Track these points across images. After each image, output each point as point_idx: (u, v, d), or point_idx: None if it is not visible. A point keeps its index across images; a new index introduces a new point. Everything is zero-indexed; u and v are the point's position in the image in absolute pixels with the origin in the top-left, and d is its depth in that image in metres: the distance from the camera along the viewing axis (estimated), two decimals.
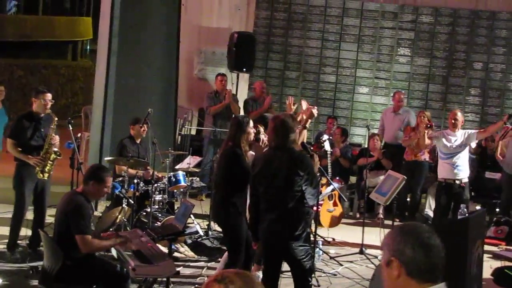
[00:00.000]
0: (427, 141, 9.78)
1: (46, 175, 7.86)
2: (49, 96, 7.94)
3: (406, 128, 11.74)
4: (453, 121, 9.73)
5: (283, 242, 5.84)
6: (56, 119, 7.93)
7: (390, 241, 2.75)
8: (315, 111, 7.42)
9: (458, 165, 9.62)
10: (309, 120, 7.38)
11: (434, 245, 2.70)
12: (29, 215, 8.19)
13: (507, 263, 8.51)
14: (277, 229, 5.83)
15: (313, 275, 7.61)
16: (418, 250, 2.68)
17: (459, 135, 9.67)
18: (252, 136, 6.70)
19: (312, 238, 8.33)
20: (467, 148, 9.77)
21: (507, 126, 9.98)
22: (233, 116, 7.02)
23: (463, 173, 9.69)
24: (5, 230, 8.65)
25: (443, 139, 9.67)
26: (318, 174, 6.37)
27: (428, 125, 9.72)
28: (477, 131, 9.98)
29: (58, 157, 7.91)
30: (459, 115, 9.83)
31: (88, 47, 25.87)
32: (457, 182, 9.64)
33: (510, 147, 10.50)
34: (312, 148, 6.90)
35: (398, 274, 2.69)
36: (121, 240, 6.21)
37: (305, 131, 6.93)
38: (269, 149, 6.08)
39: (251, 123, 6.70)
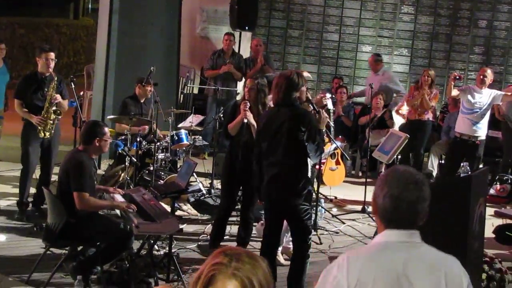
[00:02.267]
0: (454, 92, 9.55)
1: (47, 134, 7.86)
2: (52, 55, 7.91)
3: (410, 88, 11.71)
4: (481, 77, 9.45)
5: (284, 198, 5.86)
6: (56, 78, 7.90)
7: (377, 181, 2.87)
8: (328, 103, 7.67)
9: (478, 122, 9.41)
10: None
11: (404, 199, 2.74)
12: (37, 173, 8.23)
13: (509, 221, 8.55)
14: (278, 185, 5.84)
15: (315, 233, 7.68)
16: (387, 201, 2.77)
17: (485, 93, 9.42)
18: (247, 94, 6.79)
19: (314, 196, 8.39)
20: (489, 107, 9.61)
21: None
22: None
23: (481, 131, 9.49)
24: (9, 188, 8.71)
25: (468, 95, 9.43)
26: (324, 130, 6.37)
27: (457, 77, 9.49)
28: (503, 93, 9.74)
29: (58, 116, 7.91)
30: (489, 72, 9.53)
31: (90, 6, 25.68)
32: (472, 139, 9.46)
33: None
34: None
35: (374, 212, 2.86)
36: (119, 203, 6.24)
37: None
38: (273, 106, 6.08)
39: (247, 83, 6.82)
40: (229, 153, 6.97)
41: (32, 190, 8.17)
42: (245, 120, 6.59)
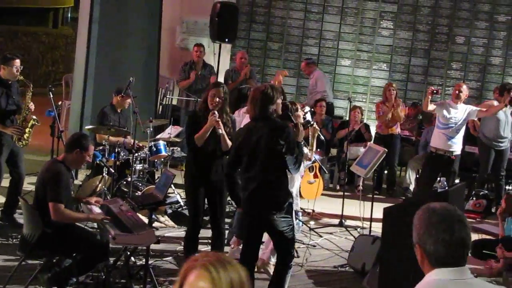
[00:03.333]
0: (431, 107, 9.61)
1: (25, 142, 7.80)
2: (19, 62, 7.81)
3: (377, 104, 11.80)
4: (457, 92, 9.50)
5: (265, 213, 5.85)
6: (32, 85, 7.84)
7: (417, 225, 2.81)
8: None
9: (453, 137, 9.47)
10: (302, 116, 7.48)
11: (457, 240, 2.73)
12: (5, 182, 8.12)
13: (485, 236, 8.61)
14: (258, 200, 5.84)
15: None
16: (439, 246, 2.73)
17: (460, 109, 9.49)
18: (212, 102, 6.65)
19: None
20: (465, 123, 9.67)
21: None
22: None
23: (457, 146, 9.57)
24: None
25: (444, 110, 9.49)
26: (302, 143, 6.38)
27: (434, 91, 9.55)
28: (478, 109, 9.82)
29: (37, 124, 7.85)
30: (464, 87, 9.60)
31: (69, 15, 25.55)
32: (448, 154, 9.53)
33: (489, 121, 10.53)
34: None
35: (421, 260, 2.80)
36: (94, 216, 6.19)
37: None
38: (250, 121, 6.08)
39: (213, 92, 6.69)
40: (193, 165, 6.78)
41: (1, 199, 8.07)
42: (220, 131, 6.54)
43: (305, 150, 6.32)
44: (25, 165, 8.12)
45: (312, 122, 7.38)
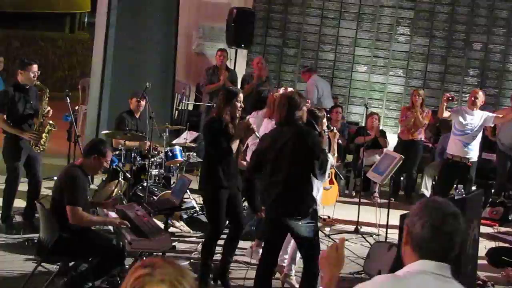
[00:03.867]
0: (446, 113, 9.58)
1: (42, 147, 7.83)
2: (36, 67, 7.86)
3: (402, 108, 11.74)
4: (473, 98, 9.45)
5: (290, 219, 5.84)
6: (48, 90, 7.88)
7: (413, 208, 2.82)
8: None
9: (469, 143, 9.42)
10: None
11: (446, 231, 2.71)
12: (21, 186, 8.15)
13: (502, 244, 8.56)
14: (283, 205, 5.84)
15: None
16: (426, 230, 2.72)
17: (476, 115, 9.43)
18: (237, 110, 6.64)
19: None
20: (481, 129, 9.60)
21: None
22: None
23: (473, 152, 9.51)
24: None
25: (460, 116, 9.45)
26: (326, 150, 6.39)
27: (450, 98, 9.52)
28: (495, 115, 9.77)
29: (53, 129, 7.88)
30: (480, 94, 9.54)
31: (86, 20, 25.68)
32: (464, 161, 9.48)
33: (507, 129, 10.48)
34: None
35: (405, 242, 2.80)
36: (111, 220, 6.20)
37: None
38: (276, 126, 6.09)
39: (240, 97, 6.66)
40: (217, 170, 6.63)
41: (21, 203, 8.10)
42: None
43: (329, 157, 6.30)
44: (42, 169, 8.15)
45: (332, 128, 7.37)
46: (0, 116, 7.81)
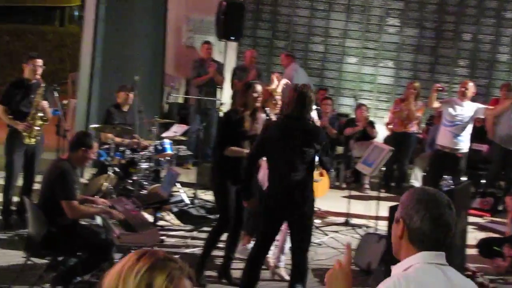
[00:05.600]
0: (436, 104, 9.58)
1: (33, 140, 7.84)
2: (39, 62, 7.95)
3: (396, 100, 11.74)
4: (463, 89, 9.46)
5: (291, 211, 5.91)
6: (43, 85, 7.89)
7: (405, 201, 2.80)
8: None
9: (460, 135, 9.44)
10: None
11: (443, 222, 2.72)
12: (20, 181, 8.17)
13: (492, 235, 8.59)
14: (286, 198, 5.90)
15: None
16: (426, 223, 2.72)
17: (466, 106, 9.44)
18: (256, 101, 6.62)
19: None
20: (471, 121, 9.62)
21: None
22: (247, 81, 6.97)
23: (463, 143, 9.52)
24: None
25: (449, 107, 9.47)
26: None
27: (440, 88, 9.51)
28: (485, 107, 9.79)
29: (45, 122, 7.89)
30: (471, 85, 9.54)
31: (76, 13, 25.59)
32: (454, 152, 9.48)
33: (503, 120, 10.50)
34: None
35: (400, 235, 2.78)
36: (107, 208, 6.21)
37: None
38: (284, 118, 6.11)
39: (256, 88, 6.64)
40: (225, 164, 6.65)
41: (16, 199, 8.11)
42: None
43: None
44: (38, 165, 8.15)
45: (317, 121, 7.36)
46: (1, 107, 7.93)
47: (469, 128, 9.53)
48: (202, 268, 6.61)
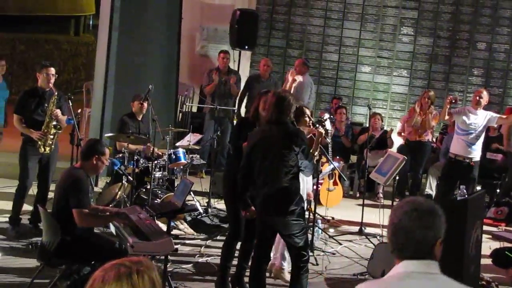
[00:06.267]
0: (447, 117, 9.59)
1: (47, 149, 7.87)
2: (52, 70, 7.97)
3: (410, 109, 11.73)
4: (477, 98, 9.45)
5: (277, 217, 5.89)
6: (57, 93, 7.93)
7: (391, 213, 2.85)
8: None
9: (473, 143, 9.43)
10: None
11: (402, 226, 2.72)
12: (34, 190, 8.20)
13: (506, 244, 8.52)
14: (270, 203, 5.88)
15: (311, 254, 7.64)
16: (389, 231, 2.77)
17: (480, 115, 9.44)
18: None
19: (311, 217, 8.39)
20: (484, 129, 9.60)
21: None
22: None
23: (476, 152, 9.52)
24: (6, 205, 8.67)
25: (463, 116, 9.45)
26: (318, 151, 6.44)
27: (453, 100, 9.51)
28: (498, 116, 9.79)
29: (59, 131, 7.93)
30: (485, 93, 9.53)
31: (91, 22, 25.71)
32: (467, 160, 9.49)
33: None
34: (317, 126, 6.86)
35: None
36: (117, 216, 6.20)
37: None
38: (265, 123, 6.10)
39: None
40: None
41: (29, 207, 8.15)
42: None
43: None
44: (53, 174, 8.18)
45: (317, 126, 7.24)
46: (16, 117, 8.01)
47: (482, 137, 9.51)
48: (240, 281, 6.61)
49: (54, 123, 7.86)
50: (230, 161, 6.84)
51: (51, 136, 7.88)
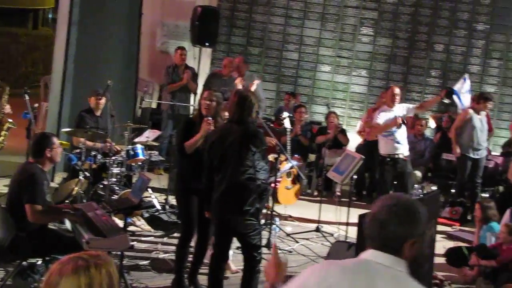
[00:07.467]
0: (380, 123, 9.66)
1: (0, 145, 7.76)
2: None
3: (368, 110, 11.81)
4: (393, 96, 9.54)
5: (230, 215, 5.89)
6: (8, 88, 7.82)
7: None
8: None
9: (399, 140, 9.51)
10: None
11: (379, 218, 2.76)
12: None
13: (460, 244, 8.65)
14: (225, 202, 5.88)
15: (268, 252, 7.65)
16: (368, 219, 2.81)
17: (396, 110, 9.52)
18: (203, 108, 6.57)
19: (269, 214, 8.40)
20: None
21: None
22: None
23: (404, 147, 9.61)
24: None
25: (384, 119, 9.51)
26: (277, 149, 6.47)
27: (400, 124, 9.55)
28: (414, 105, 10.06)
29: (13, 127, 7.82)
30: (398, 90, 9.64)
31: (50, 16, 25.42)
32: (400, 156, 9.58)
33: (465, 129, 10.60)
34: (272, 125, 6.90)
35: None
36: (70, 213, 6.14)
37: None
38: (226, 122, 6.11)
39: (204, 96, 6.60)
40: (186, 172, 6.63)
41: None
42: None
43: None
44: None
45: (289, 129, 7.27)
46: None
47: (404, 131, 9.62)
48: (193, 277, 6.61)
49: (10, 120, 7.76)
50: (178, 161, 6.81)
51: (5, 132, 7.77)
